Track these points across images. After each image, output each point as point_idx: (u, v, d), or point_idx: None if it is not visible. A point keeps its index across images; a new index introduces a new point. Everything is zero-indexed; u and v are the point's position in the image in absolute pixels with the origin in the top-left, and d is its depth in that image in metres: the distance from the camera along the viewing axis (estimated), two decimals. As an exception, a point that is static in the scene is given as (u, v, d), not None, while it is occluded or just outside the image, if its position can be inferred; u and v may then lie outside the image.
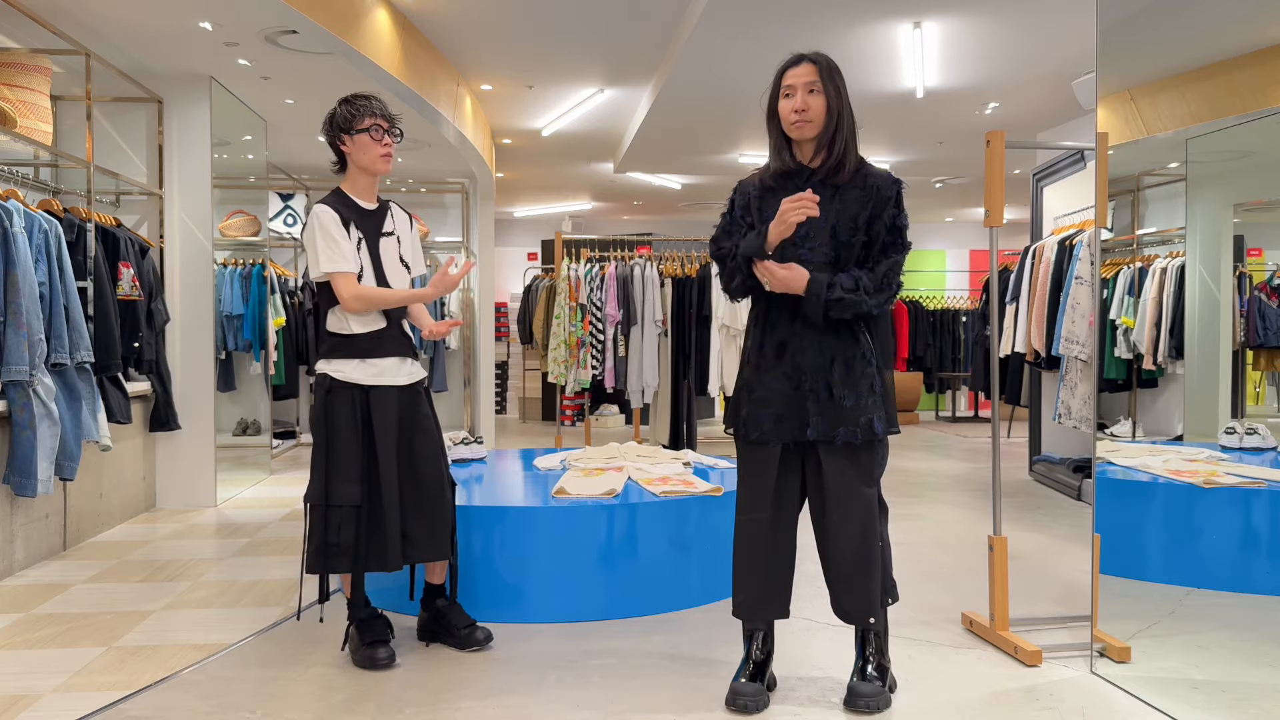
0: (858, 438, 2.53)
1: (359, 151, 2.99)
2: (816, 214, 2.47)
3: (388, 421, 2.95)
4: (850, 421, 2.53)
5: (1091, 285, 5.18)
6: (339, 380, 2.94)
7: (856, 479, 2.56)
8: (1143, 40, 3.69)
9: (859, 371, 2.55)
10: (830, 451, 2.56)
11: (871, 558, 2.57)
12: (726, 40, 5.60)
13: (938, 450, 8.42)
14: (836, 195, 2.57)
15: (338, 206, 2.98)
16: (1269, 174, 4.37)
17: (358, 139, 2.97)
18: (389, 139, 3.01)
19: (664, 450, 4.52)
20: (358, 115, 2.96)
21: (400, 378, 3.01)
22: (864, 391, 2.54)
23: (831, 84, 2.55)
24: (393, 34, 5.29)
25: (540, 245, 12.13)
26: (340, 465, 2.89)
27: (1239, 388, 4.47)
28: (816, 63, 2.57)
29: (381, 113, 3.00)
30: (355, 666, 2.92)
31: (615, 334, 7.21)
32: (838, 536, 2.56)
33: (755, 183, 2.70)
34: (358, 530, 2.89)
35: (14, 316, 3.81)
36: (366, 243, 3.00)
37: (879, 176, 2.59)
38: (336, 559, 2.89)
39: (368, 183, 3.06)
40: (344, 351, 2.96)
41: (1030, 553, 4.39)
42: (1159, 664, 2.92)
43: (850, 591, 2.58)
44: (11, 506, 4.06)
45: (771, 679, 2.71)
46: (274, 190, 8.44)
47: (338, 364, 2.96)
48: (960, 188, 11.05)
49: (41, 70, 4.51)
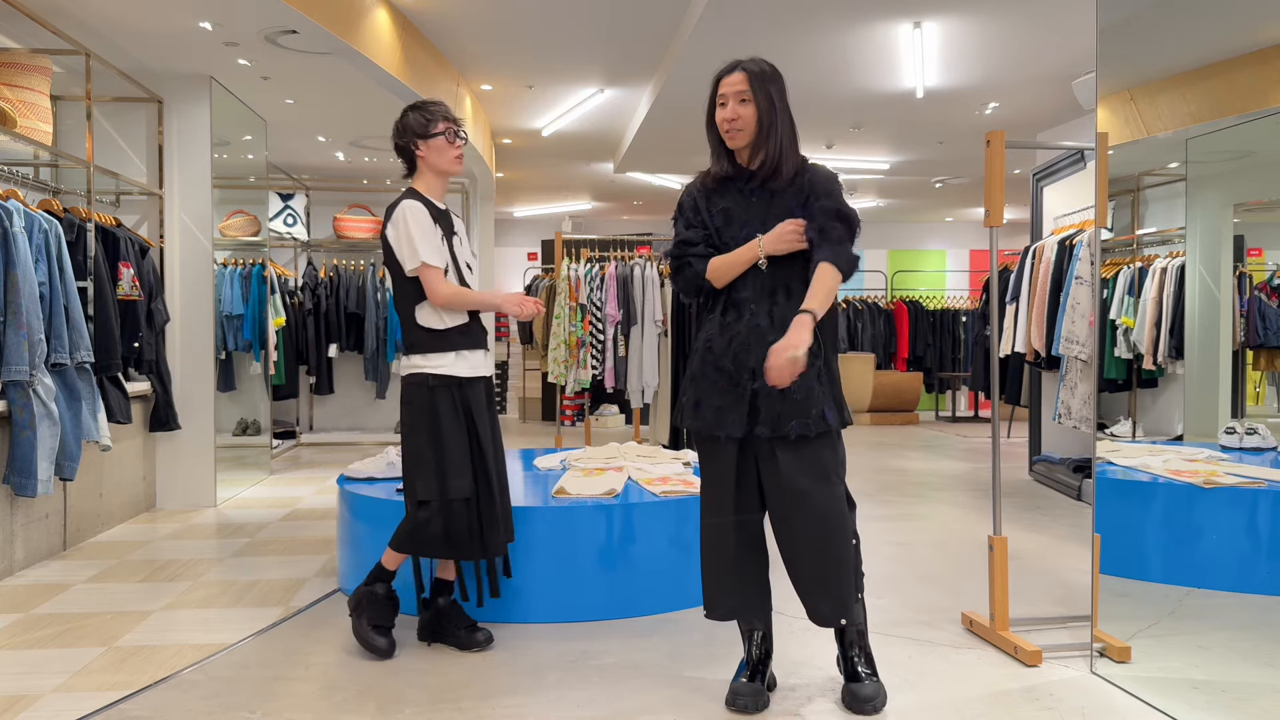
0: (811, 430, 2.47)
1: (435, 154, 3.06)
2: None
3: (483, 412, 3.08)
4: (801, 413, 2.47)
5: (1091, 285, 5.18)
6: (439, 376, 3.00)
7: (819, 475, 2.49)
8: (1143, 40, 3.69)
9: (808, 363, 2.45)
10: (786, 448, 2.49)
11: (844, 557, 2.51)
12: (727, 40, 5.59)
13: (938, 450, 8.41)
14: (773, 199, 2.58)
15: (425, 204, 3.05)
16: (1269, 174, 4.37)
17: (433, 143, 3.05)
18: (459, 141, 3.10)
19: (664, 450, 4.52)
20: (433, 120, 3.06)
21: (485, 368, 3.13)
22: (812, 380, 2.48)
23: (763, 92, 2.54)
24: (393, 34, 5.29)
25: (540, 245, 12.13)
26: (454, 459, 2.99)
27: (1239, 388, 4.48)
28: (748, 71, 2.56)
29: (452, 117, 3.10)
30: (353, 636, 3.03)
31: (615, 334, 7.21)
32: (805, 538, 2.50)
33: (699, 185, 2.71)
34: (471, 522, 3.02)
35: (14, 316, 3.81)
36: (446, 241, 3.07)
37: (816, 173, 2.58)
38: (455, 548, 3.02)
39: (441, 184, 3.14)
40: (440, 345, 3.02)
41: (1030, 553, 4.39)
42: (1159, 664, 2.92)
43: (826, 595, 2.51)
44: (11, 506, 4.06)
45: (771, 679, 2.71)
46: (274, 190, 8.44)
47: (435, 359, 3.02)
48: (960, 188, 11.05)
49: (41, 70, 4.51)
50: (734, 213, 2.61)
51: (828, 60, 5.97)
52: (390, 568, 3.08)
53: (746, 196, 2.60)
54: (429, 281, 2.97)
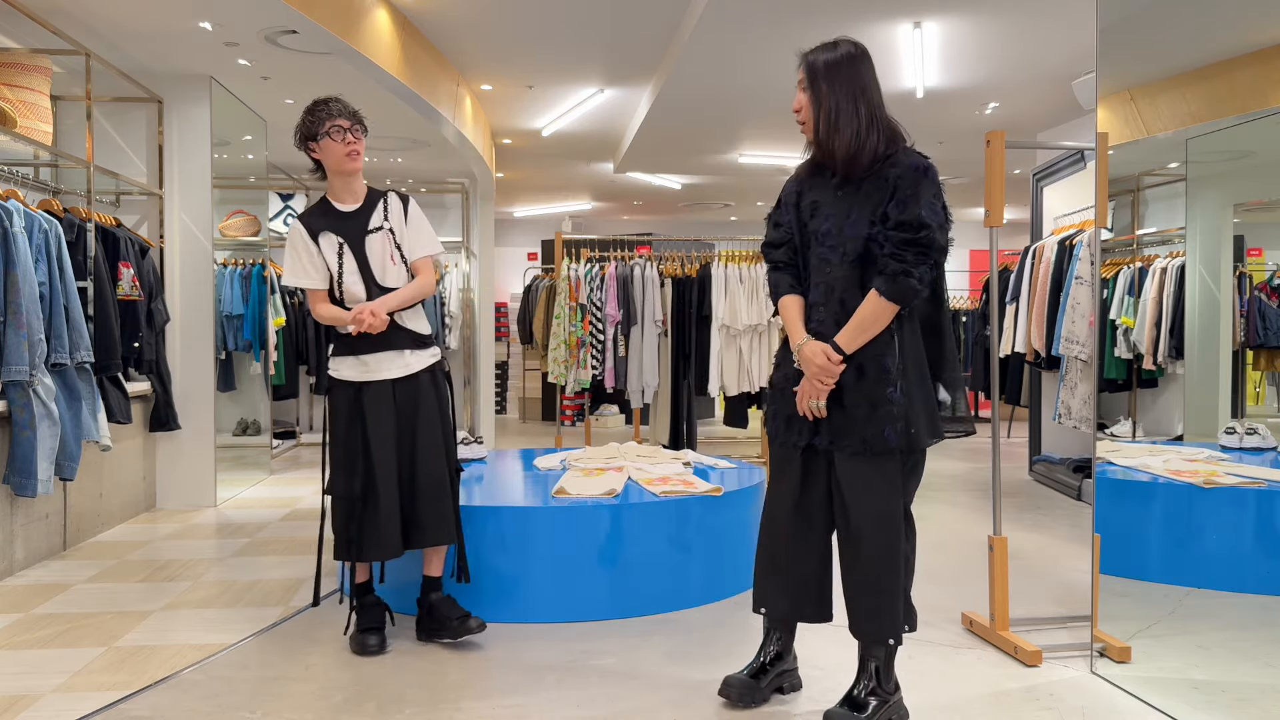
0: (867, 449, 2.40)
1: (326, 155, 3.08)
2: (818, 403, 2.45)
3: (382, 415, 3.04)
4: (860, 431, 2.40)
5: (1091, 285, 5.18)
6: (335, 378, 3.10)
7: (878, 490, 2.42)
8: (1143, 40, 3.69)
9: (873, 379, 2.40)
10: (845, 461, 2.44)
11: (890, 576, 2.42)
12: (726, 40, 5.59)
13: (938, 450, 8.41)
14: (859, 191, 2.47)
15: (311, 218, 3.10)
16: (1269, 174, 4.37)
17: (322, 143, 3.06)
18: (351, 137, 3.06)
19: (664, 450, 4.52)
20: (317, 121, 3.05)
21: (395, 370, 3.08)
22: (880, 401, 2.39)
23: (825, 80, 2.47)
24: (393, 34, 5.28)
25: (540, 245, 12.12)
26: (341, 459, 3.04)
27: (1239, 388, 4.48)
28: (806, 62, 2.52)
29: (341, 113, 3.07)
30: (350, 652, 3.01)
31: (615, 334, 7.20)
32: (854, 550, 2.45)
33: (795, 178, 2.66)
34: (356, 521, 3.01)
35: (14, 316, 3.80)
36: (349, 245, 3.06)
37: (904, 166, 2.41)
38: (343, 547, 3.03)
39: (343, 184, 3.13)
40: (341, 350, 3.12)
41: (1030, 553, 4.39)
42: (1159, 664, 2.92)
43: (863, 611, 2.44)
44: (11, 506, 4.06)
45: (794, 683, 2.70)
46: (274, 190, 8.44)
47: (335, 362, 3.13)
48: (960, 188, 11.04)
49: (41, 70, 4.51)
50: (821, 205, 2.54)
51: (828, 60, 5.96)
52: (359, 580, 3.12)
53: (833, 189, 2.52)
54: (309, 300, 3.12)
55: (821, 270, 2.51)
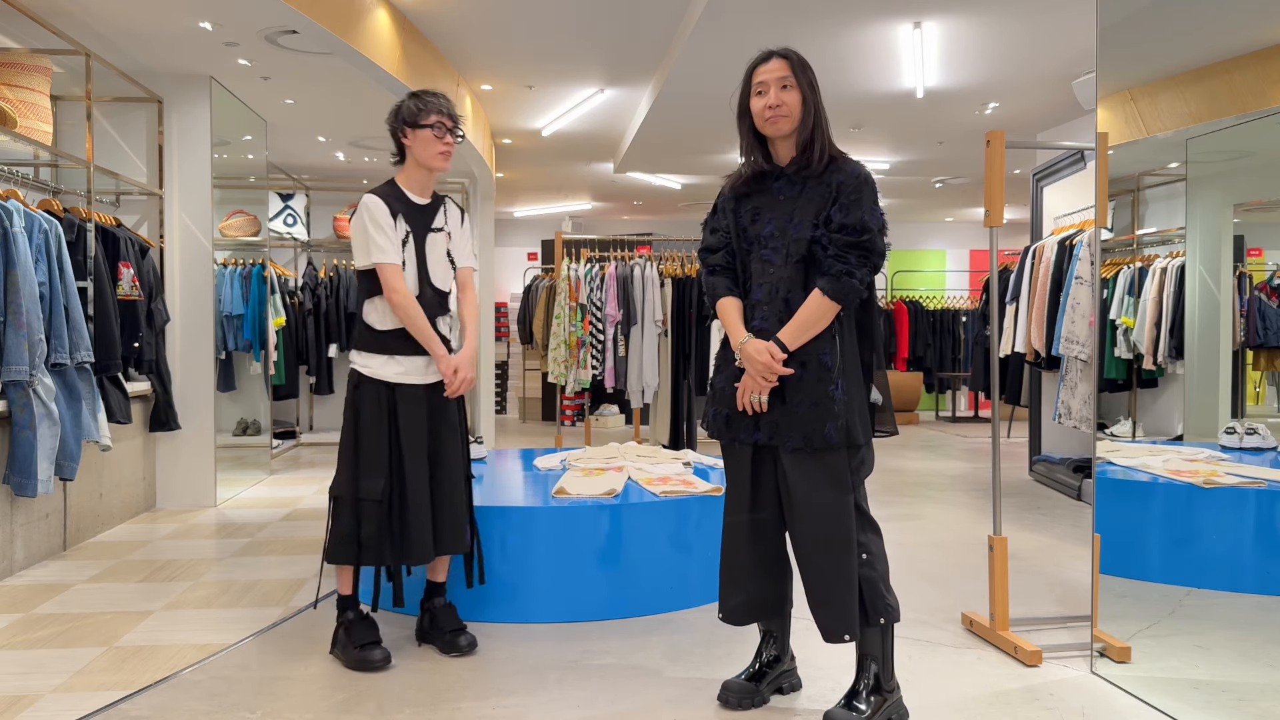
0: (809, 445, 2.41)
1: (419, 146, 3.02)
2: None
3: (414, 418, 2.99)
4: (801, 427, 2.41)
5: (1091, 285, 5.18)
6: (366, 376, 2.99)
7: (822, 484, 2.42)
8: (1143, 40, 3.69)
9: (815, 376, 2.42)
10: (790, 457, 2.45)
11: (843, 570, 2.41)
12: (727, 40, 5.59)
13: (938, 450, 8.41)
14: (802, 193, 2.50)
15: (388, 198, 3.01)
16: (1269, 174, 4.37)
17: (420, 134, 3.01)
18: (450, 138, 3.05)
19: (664, 450, 4.52)
20: (424, 110, 3.00)
21: (429, 376, 3.04)
22: (821, 398, 2.41)
23: (805, 78, 2.50)
24: (393, 34, 5.28)
25: (540, 245, 12.13)
26: (368, 460, 2.95)
27: (1239, 388, 4.47)
28: (787, 58, 2.52)
29: (447, 111, 3.04)
30: (348, 664, 2.94)
31: (615, 334, 7.21)
32: (804, 545, 2.46)
33: (729, 186, 2.65)
34: (381, 525, 2.93)
35: (14, 316, 3.80)
36: (414, 237, 3.04)
37: (846, 174, 2.48)
38: (362, 551, 2.94)
39: (423, 178, 3.09)
40: (374, 346, 3.01)
41: (1030, 553, 4.39)
42: (1159, 664, 2.92)
43: (821, 605, 2.43)
44: (11, 506, 4.06)
45: (794, 684, 2.71)
46: (274, 190, 8.44)
47: (366, 358, 3.01)
48: (960, 188, 11.04)
49: (41, 70, 4.51)
50: (763, 210, 2.55)
51: (827, 60, 5.96)
52: (345, 592, 3.04)
53: (775, 194, 2.54)
54: (385, 277, 2.96)
55: (764, 272, 2.53)
